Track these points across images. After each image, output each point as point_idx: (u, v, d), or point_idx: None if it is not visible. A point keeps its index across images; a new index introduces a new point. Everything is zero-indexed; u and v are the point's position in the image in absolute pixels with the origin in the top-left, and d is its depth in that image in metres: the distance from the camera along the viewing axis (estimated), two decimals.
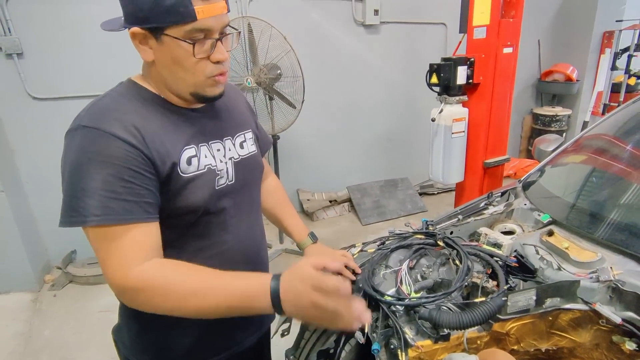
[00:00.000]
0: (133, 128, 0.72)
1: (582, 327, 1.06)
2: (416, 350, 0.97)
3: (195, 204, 0.79)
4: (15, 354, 2.13)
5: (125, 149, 0.70)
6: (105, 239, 0.70)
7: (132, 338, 0.91)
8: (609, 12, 4.12)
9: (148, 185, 0.73)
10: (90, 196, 0.68)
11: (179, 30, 0.71)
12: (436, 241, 1.23)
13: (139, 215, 0.71)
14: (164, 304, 0.70)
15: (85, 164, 0.69)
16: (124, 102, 0.76)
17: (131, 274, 0.69)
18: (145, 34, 0.73)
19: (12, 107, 2.63)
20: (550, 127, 4.39)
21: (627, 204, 1.27)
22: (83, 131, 0.71)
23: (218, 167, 0.84)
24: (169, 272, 0.71)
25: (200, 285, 0.70)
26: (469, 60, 2.42)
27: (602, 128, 1.61)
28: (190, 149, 0.80)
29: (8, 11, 2.46)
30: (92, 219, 0.68)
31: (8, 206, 2.50)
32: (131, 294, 0.70)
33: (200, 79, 0.77)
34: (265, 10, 2.95)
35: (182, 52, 0.73)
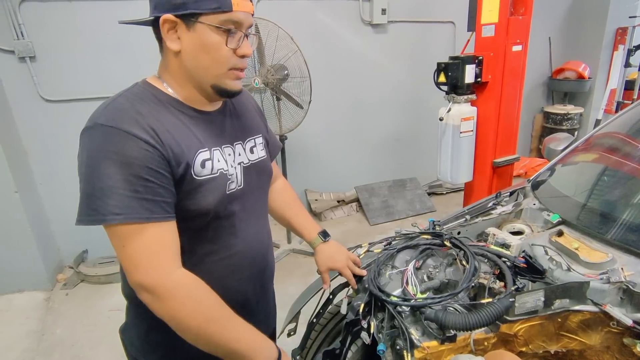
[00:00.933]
0: (149, 128, 0.73)
1: (592, 329, 1.05)
2: (422, 352, 0.96)
3: (207, 207, 0.80)
4: (29, 352, 2.17)
5: (144, 148, 0.71)
6: (129, 237, 0.70)
7: (140, 338, 0.92)
8: (622, 8, 4.04)
9: (166, 185, 0.73)
10: (110, 195, 0.68)
11: (215, 19, 0.73)
12: (443, 241, 1.22)
13: (160, 215, 0.72)
14: (187, 322, 0.73)
15: (104, 163, 0.69)
16: (139, 102, 0.77)
17: (172, 277, 0.71)
18: (176, 22, 0.74)
19: (25, 109, 2.68)
20: (561, 125, 4.32)
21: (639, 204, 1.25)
22: (101, 129, 0.71)
23: (229, 172, 0.84)
24: (205, 291, 0.76)
25: (225, 315, 0.77)
26: (478, 58, 2.39)
27: (614, 126, 1.58)
28: (204, 152, 0.80)
29: (21, 15, 2.51)
30: (114, 218, 0.69)
31: (22, 207, 2.55)
32: (166, 300, 0.71)
33: (224, 70, 0.78)
34: (272, 11, 2.96)
35: (214, 40, 0.75)
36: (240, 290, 0.92)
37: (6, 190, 2.48)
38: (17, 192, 2.52)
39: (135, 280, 0.72)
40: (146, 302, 0.74)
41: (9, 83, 2.60)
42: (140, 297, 0.74)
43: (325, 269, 1.12)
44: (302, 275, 2.73)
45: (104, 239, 1.65)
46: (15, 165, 2.57)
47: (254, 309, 0.98)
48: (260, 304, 1.02)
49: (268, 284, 1.06)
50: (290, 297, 1.37)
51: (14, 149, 2.60)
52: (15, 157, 2.60)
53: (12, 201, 2.51)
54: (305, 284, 1.36)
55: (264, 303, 1.04)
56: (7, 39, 2.52)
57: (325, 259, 1.12)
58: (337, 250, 1.15)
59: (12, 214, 2.53)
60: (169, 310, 0.72)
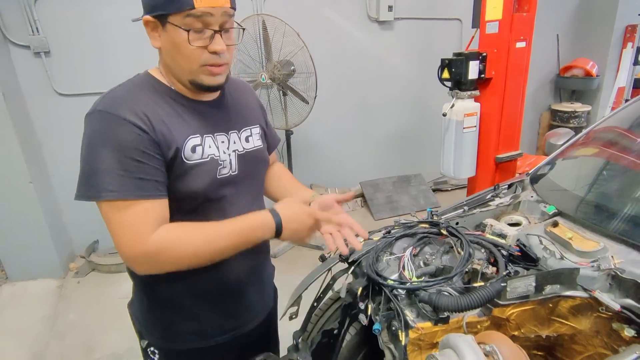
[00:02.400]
0: (142, 114, 0.78)
1: (582, 314, 1.08)
2: (416, 332, 1.01)
3: (196, 189, 0.85)
4: (43, 335, 2.26)
5: (136, 133, 0.77)
6: (118, 212, 0.76)
7: (144, 313, 0.98)
8: (632, 5, 4.01)
9: (158, 166, 0.79)
10: (105, 175, 0.75)
11: (179, 18, 0.77)
12: (440, 230, 1.26)
13: (151, 192, 0.78)
14: (182, 259, 0.80)
15: (100, 145, 0.76)
16: (136, 91, 0.83)
17: (148, 240, 0.76)
18: (155, 22, 0.80)
19: (39, 103, 2.77)
20: (568, 123, 4.30)
21: (633, 196, 1.27)
22: (99, 115, 0.78)
23: (221, 158, 0.89)
24: (180, 231, 0.80)
25: (210, 235, 0.81)
26: (481, 55, 2.41)
27: (614, 121, 1.61)
28: (195, 138, 0.85)
29: (36, 12, 2.60)
30: (108, 194, 0.75)
31: (36, 197, 2.64)
32: (151, 258, 0.77)
33: (195, 66, 0.81)
34: (279, 8, 3.00)
35: (182, 39, 0.78)
36: (232, 272, 0.96)
37: (21, 181, 2.57)
38: (31, 183, 2.61)
39: (123, 252, 0.77)
40: (142, 270, 0.79)
41: (24, 77, 2.69)
42: (136, 270, 0.80)
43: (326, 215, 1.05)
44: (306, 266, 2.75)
45: None
46: (30, 157, 2.66)
47: (247, 287, 1.02)
48: (254, 286, 1.05)
49: (262, 265, 1.09)
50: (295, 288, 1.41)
51: (28, 141, 2.70)
52: (30, 149, 2.69)
53: (27, 191, 2.60)
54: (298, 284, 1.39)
55: (258, 283, 1.07)
56: (23, 35, 2.61)
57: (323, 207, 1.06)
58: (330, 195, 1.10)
59: (27, 204, 2.62)
60: (163, 264, 0.79)
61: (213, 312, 0.96)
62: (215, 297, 0.95)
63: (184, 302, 0.93)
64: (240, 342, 1.05)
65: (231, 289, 0.96)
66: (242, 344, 1.07)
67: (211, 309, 0.96)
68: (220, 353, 1.01)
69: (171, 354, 0.97)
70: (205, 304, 0.94)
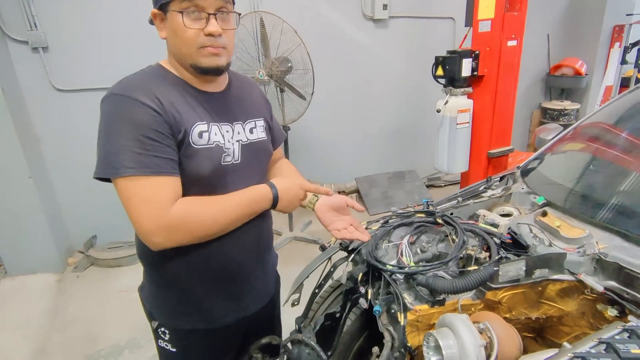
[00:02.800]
0: (155, 98, 0.84)
1: (569, 297, 1.15)
2: (414, 314, 1.07)
3: (201, 173, 0.90)
4: (45, 327, 2.28)
5: (150, 114, 0.82)
6: (137, 187, 0.80)
7: (154, 294, 1.04)
8: (620, 6, 4.12)
9: (171, 145, 0.84)
10: (123, 152, 0.79)
11: (177, 4, 0.84)
12: (436, 219, 1.33)
13: (167, 169, 0.83)
14: (199, 230, 0.86)
15: (117, 125, 0.80)
16: (148, 78, 0.88)
17: (168, 213, 0.81)
18: (160, 14, 0.88)
19: (37, 98, 2.78)
20: (558, 121, 4.41)
21: (616, 187, 1.35)
22: (115, 97, 0.83)
23: (225, 146, 0.94)
24: (196, 203, 0.86)
25: (221, 206, 0.89)
26: (474, 53, 2.49)
27: (599, 117, 1.68)
28: (202, 124, 0.91)
29: (35, 7, 2.60)
30: (127, 171, 0.79)
31: (36, 192, 2.65)
32: (171, 229, 0.82)
33: (193, 49, 0.87)
34: (277, 5, 3.04)
35: (177, 23, 0.85)
36: (234, 256, 1.00)
37: (21, 176, 2.59)
38: (30, 178, 2.62)
39: (143, 228, 0.81)
40: (160, 243, 0.83)
41: (22, 73, 2.70)
42: (154, 244, 0.83)
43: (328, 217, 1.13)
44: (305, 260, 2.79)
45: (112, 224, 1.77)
46: (29, 152, 2.67)
47: (249, 274, 1.06)
48: (256, 272, 1.09)
49: (264, 253, 1.13)
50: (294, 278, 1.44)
51: (27, 136, 2.71)
52: (29, 144, 2.70)
53: (27, 186, 2.62)
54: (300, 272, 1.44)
55: (260, 270, 1.11)
56: (21, 30, 2.61)
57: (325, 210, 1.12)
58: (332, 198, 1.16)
59: (26, 198, 2.64)
60: (182, 235, 0.84)
61: (217, 295, 1.01)
62: (219, 280, 1.00)
63: (191, 283, 0.98)
64: (244, 326, 1.11)
65: (235, 273, 1.01)
66: (246, 327, 1.12)
67: (216, 291, 1.01)
68: (225, 335, 1.06)
69: (179, 333, 1.02)
70: (210, 286, 0.99)
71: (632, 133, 1.48)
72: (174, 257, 0.94)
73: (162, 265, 0.96)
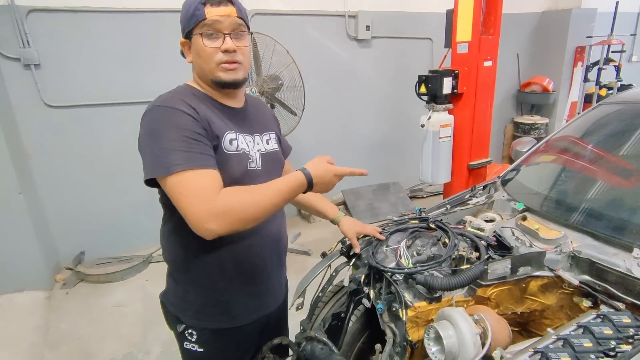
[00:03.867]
0: (191, 108, 0.94)
1: (549, 292, 1.29)
2: (414, 310, 1.18)
3: (233, 176, 0.99)
4: (37, 345, 2.25)
5: (190, 119, 0.91)
6: (186, 184, 0.87)
7: (180, 298, 1.10)
8: (580, 29, 4.48)
9: (209, 145, 0.94)
10: (172, 152, 0.87)
11: (197, 29, 0.97)
12: (429, 225, 1.45)
13: (209, 164, 0.91)
14: (249, 213, 0.90)
15: (163, 130, 0.89)
16: (182, 95, 0.99)
17: (216, 201, 0.87)
18: (187, 42, 1.01)
19: (28, 114, 2.78)
20: (529, 134, 4.68)
21: (586, 193, 1.51)
22: (158, 109, 0.92)
23: (250, 153, 1.05)
24: (240, 191, 0.92)
25: (264, 193, 0.93)
26: (454, 72, 2.68)
27: (568, 131, 1.87)
28: (231, 133, 1.01)
29: (27, 25, 2.64)
30: (177, 167, 0.86)
31: (25, 208, 2.63)
32: (226, 215, 0.87)
33: (212, 65, 0.99)
34: (266, 25, 3.17)
35: (199, 44, 0.97)
36: (260, 254, 1.10)
37: (11, 192, 2.57)
38: (21, 194, 2.60)
39: (197, 218, 0.85)
40: (215, 230, 0.87)
41: (13, 89, 2.71)
42: (209, 232, 0.87)
43: (353, 234, 1.38)
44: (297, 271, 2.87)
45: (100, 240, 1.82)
46: (19, 168, 2.66)
47: (270, 273, 1.16)
48: (275, 271, 1.19)
49: (282, 257, 1.24)
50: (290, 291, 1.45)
51: (17, 151, 2.70)
52: (18, 160, 2.69)
53: (17, 202, 2.60)
54: (299, 279, 1.52)
55: (277, 272, 1.22)
56: (14, 47, 2.64)
57: (352, 226, 1.38)
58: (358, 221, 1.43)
59: (16, 214, 2.61)
60: (235, 219, 0.88)
61: (242, 293, 1.09)
62: (245, 278, 1.08)
63: (218, 284, 1.05)
64: (260, 326, 1.18)
65: (259, 270, 1.09)
66: (262, 327, 1.20)
67: (240, 290, 1.08)
68: (246, 334, 1.14)
69: (206, 333, 1.08)
70: (236, 285, 1.07)
71: (597, 146, 1.67)
72: (204, 255, 1.02)
73: (192, 264, 1.04)
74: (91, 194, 3.08)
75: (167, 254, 1.09)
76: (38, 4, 2.64)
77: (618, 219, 1.33)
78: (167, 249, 1.08)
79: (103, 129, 2.99)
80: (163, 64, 2.92)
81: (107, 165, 3.06)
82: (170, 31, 1.17)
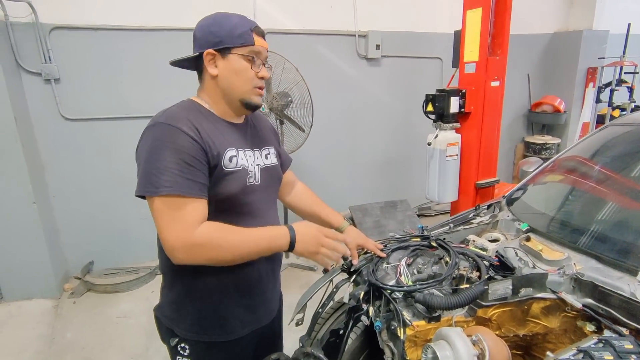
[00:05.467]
0: (194, 127, 0.97)
1: (552, 314, 1.26)
2: (412, 329, 1.16)
3: (231, 192, 1.03)
4: (42, 354, 2.27)
5: (189, 141, 0.94)
6: (169, 207, 0.92)
7: (175, 310, 1.11)
8: (592, 51, 4.47)
9: (204, 171, 0.97)
10: (164, 172, 0.91)
11: (243, 50, 1.02)
12: (430, 243, 1.44)
13: (197, 192, 0.94)
14: (219, 254, 0.95)
15: (161, 149, 0.92)
16: (187, 111, 1.02)
17: (195, 233, 0.91)
18: (215, 54, 1.02)
19: (46, 127, 2.88)
20: (540, 154, 4.64)
21: (592, 215, 1.50)
22: (161, 126, 0.95)
23: (249, 169, 1.08)
24: (220, 230, 0.96)
25: (243, 237, 0.98)
26: (461, 91, 2.70)
27: (576, 151, 1.86)
28: (232, 150, 1.05)
29: (50, 42, 2.76)
30: (163, 190, 0.90)
31: (38, 217, 2.70)
32: (194, 248, 0.92)
33: (249, 87, 1.05)
34: (278, 43, 3.24)
35: (243, 65, 1.03)
36: (255, 267, 1.12)
37: (26, 201, 2.65)
38: (35, 203, 2.68)
39: (169, 242, 0.91)
40: (181, 259, 0.93)
41: (33, 102, 2.82)
42: (176, 259, 0.93)
43: (354, 245, 1.38)
44: (300, 287, 2.90)
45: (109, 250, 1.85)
46: (35, 178, 2.74)
47: (265, 286, 1.18)
48: (270, 284, 1.21)
49: (276, 270, 1.26)
50: (289, 307, 1.49)
51: (34, 163, 2.79)
52: (34, 171, 2.78)
53: (30, 212, 2.67)
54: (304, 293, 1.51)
55: (272, 285, 1.23)
56: (36, 63, 2.76)
57: (355, 237, 1.38)
58: (361, 232, 1.44)
59: (29, 223, 2.69)
60: (200, 256, 0.94)
61: (238, 306, 1.10)
62: (240, 292, 1.09)
63: (214, 296, 1.07)
64: (255, 339, 1.19)
65: (254, 285, 1.10)
66: (256, 341, 1.20)
67: (236, 303, 1.10)
68: (240, 348, 1.14)
69: (200, 347, 1.09)
70: (232, 298, 1.08)
71: (605, 166, 1.65)
72: (199, 267, 1.03)
73: (187, 276, 1.06)
74: (101, 205, 3.15)
75: (163, 265, 1.11)
76: (61, 22, 2.77)
77: (623, 241, 1.31)
78: (163, 261, 1.10)
79: (115, 141, 3.08)
80: (176, 79, 2.99)
81: (118, 178, 3.13)
82: (183, 49, 1.22)
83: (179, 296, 1.09)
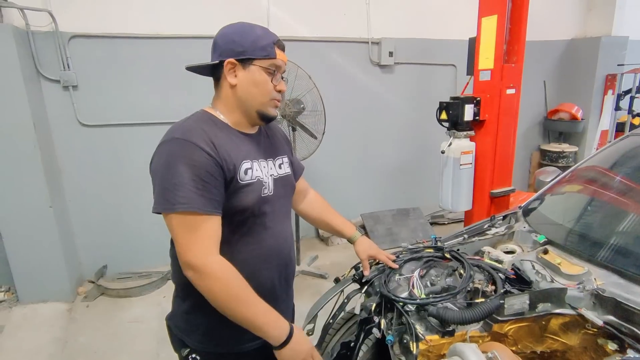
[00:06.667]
0: (210, 142, 0.97)
1: (571, 331, 1.22)
2: (425, 344, 1.13)
3: (246, 205, 1.02)
4: (55, 357, 2.30)
5: (205, 157, 0.94)
6: (186, 226, 0.92)
7: (187, 320, 1.11)
8: (611, 57, 4.38)
9: (218, 187, 0.97)
10: (180, 189, 0.91)
11: (264, 63, 1.03)
12: (444, 254, 1.41)
13: (212, 209, 0.95)
14: (219, 294, 0.94)
15: (177, 164, 0.92)
16: (202, 124, 1.02)
17: (210, 259, 0.92)
18: (236, 64, 1.02)
19: (63, 132, 2.95)
20: (557, 162, 4.54)
21: (613, 228, 1.45)
22: (177, 141, 0.95)
23: (264, 180, 1.08)
24: (238, 279, 0.96)
25: (249, 296, 0.97)
26: (476, 99, 2.66)
27: (595, 161, 1.81)
28: (247, 162, 1.04)
29: (69, 49, 2.83)
30: (179, 207, 0.91)
31: (55, 221, 2.75)
32: (205, 277, 0.92)
33: (267, 99, 1.05)
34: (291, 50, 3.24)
35: (263, 78, 1.03)
36: (269, 277, 1.12)
37: (43, 205, 2.70)
38: (51, 207, 2.73)
39: (185, 259, 0.93)
40: (190, 277, 0.94)
41: (51, 108, 2.89)
42: (186, 274, 0.95)
43: (366, 256, 1.38)
44: (312, 295, 2.88)
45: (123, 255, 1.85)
46: (52, 182, 2.80)
47: (278, 297, 1.16)
48: (283, 295, 1.20)
49: (290, 280, 1.24)
50: (301, 315, 1.48)
51: (51, 167, 2.85)
52: (52, 175, 2.84)
53: (47, 215, 2.72)
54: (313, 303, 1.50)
55: (286, 295, 1.22)
56: (55, 70, 2.83)
57: (367, 248, 1.38)
58: (373, 243, 1.43)
59: (45, 227, 2.74)
60: (206, 285, 0.94)
61: None
62: None
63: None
64: (266, 351, 1.17)
65: (267, 295, 1.09)
66: (267, 354, 1.18)
67: None
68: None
69: (210, 357, 1.08)
70: None
71: (626, 177, 1.60)
72: None
73: None
74: (116, 210, 3.19)
75: (176, 276, 1.10)
76: (79, 31, 2.84)
77: None
78: (175, 271, 1.10)
79: (131, 147, 3.13)
80: (191, 86, 3.05)
81: (133, 183, 3.17)
82: (198, 56, 1.22)
83: (192, 307, 1.09)
